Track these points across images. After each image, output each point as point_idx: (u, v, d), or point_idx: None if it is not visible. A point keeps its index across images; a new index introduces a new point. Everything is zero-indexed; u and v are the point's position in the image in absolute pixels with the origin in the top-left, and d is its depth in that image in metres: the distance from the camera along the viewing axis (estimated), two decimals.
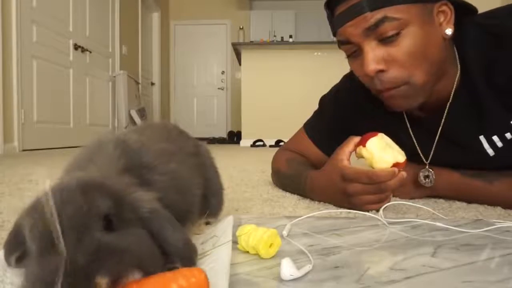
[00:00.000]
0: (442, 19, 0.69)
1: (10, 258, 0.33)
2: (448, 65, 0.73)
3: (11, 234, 0.34)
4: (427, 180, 0.84)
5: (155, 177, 0.40)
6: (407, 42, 0.66)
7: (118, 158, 0.39)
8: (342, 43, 0.73)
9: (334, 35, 0.76)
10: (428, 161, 0.84)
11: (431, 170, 0.83)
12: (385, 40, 0.67)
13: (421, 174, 0.84)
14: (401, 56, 0.67)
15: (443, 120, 0.79)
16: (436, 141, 0.82)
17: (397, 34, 0.66)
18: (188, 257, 0.34)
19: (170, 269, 0.31)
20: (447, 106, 0.77)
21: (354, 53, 0.73)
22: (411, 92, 0.70)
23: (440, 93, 0.75)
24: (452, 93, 0.75)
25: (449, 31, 0.69)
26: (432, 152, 0.83)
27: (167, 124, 0.56)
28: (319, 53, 4.36)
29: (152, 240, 0.32)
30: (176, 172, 0.43)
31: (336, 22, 0.73)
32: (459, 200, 0.84)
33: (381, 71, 0.68)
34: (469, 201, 0.82)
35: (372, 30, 0.66)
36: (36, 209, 0.29)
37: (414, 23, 0.66)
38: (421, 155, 0.85)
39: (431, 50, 0.68)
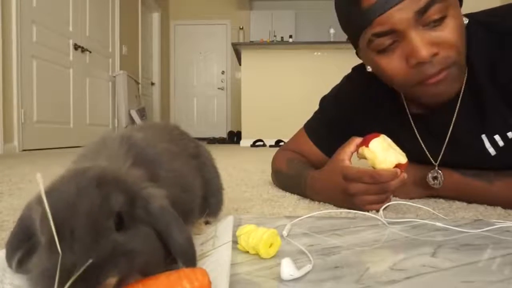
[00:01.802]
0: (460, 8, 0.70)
1: (12, 259, 0.33)
2: None
3: (14, 231, 0.33)
4: (435, 181, 0.83)
5: (162, 173, 0.40)
6: (452, 24, 0.65)
7: (126, 153, 0.39)
8: (380, 35, 0.67)
9: (361, 30, 0.69)
10: (437, 162, 0.84)
11: (439, 171, 0.83)
12: (431, 25, 0.65)
13: (429, 175, 0.83)
14: (450, 38, 0.65)
15: (454, 119, 0.78)
16: (447, 141, 0.81)
17: (443, 17, 0.64)
18: (191, 258, 0.34)
19: (171, 269, 0.32)
20: (458, 105, 0.76)
21: (389, 47, 0.68)
22: (457, 74, 0.69)
23: None
24: (462, 91, 0.75)
25: (466, 20, 0.69)
26: (442, 152, 0.82)
27: (168, 124, 0.56)
28: (319, 53, 4.36)
29: (158, 239, 0.33)
30: (180, 171, 0.44)
31: (373, 10, 0.65)
32: (459, 200, 0.84)
33: (434, 54, 0.66)
34: (469, 201, 0.82)
35: (421, 14, 0.63)
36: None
37: (453, 7, 0.66)
38: (428, 155, 0.84)
39: (464, 34, 0.68)
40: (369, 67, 0.78)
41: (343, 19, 0.75)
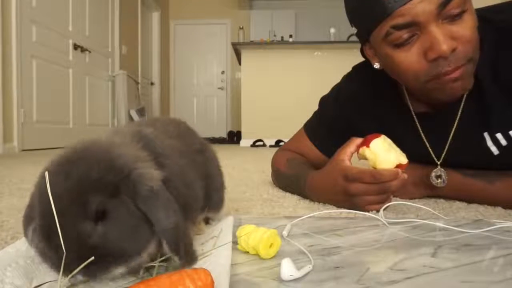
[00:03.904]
0: None
1: (28, 228, 0.35)
2: None
3: (27, 206, 0.37)
4: (439, 180, 0.83)
5: (171, 166, 0.41)
6: (470, 19, 0.65)
7: (136, 142, 0.40)
8: (399, 27, 0.66)
9: (379, 22, 0.67)
10: (440, 161, 0.83)
11: (443, 170, 0.82)
12: (450, 19, 0.65)
13: (433, 174, 0.83)
14: (468, 33, 0.65)
15: (458, 117, 0.77)
16: (450, 139, 0.80)
17: (462, 11, 0.64)
18: (175, 243, 0.34)
19: (161, 261, 0.34)
20: (462, 103, 0.76)
21: (406, 41, 0.67)
22: (472, 70, 0.69)
23: None
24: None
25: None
26: (445, 152, 0.82)
27: (175, 119, 0.56)
28: (319, 53, 4.36)
29: (145, 223, 0.33)
30: (186, 166, 0.44)
31: (395, 1, 0.64)
32: (459, 200, 0.84)
33: (454, 49, 0.65)
34: (470, 201, 0.82)
35: (443, 7, 0.63)
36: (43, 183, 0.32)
37: (470, 2, 0.66)
38: (432, 153, 0.84)
39: (477, 30, 0.68)
40: (376, 63, 0.77)
41: (357, 11, 0.73)
